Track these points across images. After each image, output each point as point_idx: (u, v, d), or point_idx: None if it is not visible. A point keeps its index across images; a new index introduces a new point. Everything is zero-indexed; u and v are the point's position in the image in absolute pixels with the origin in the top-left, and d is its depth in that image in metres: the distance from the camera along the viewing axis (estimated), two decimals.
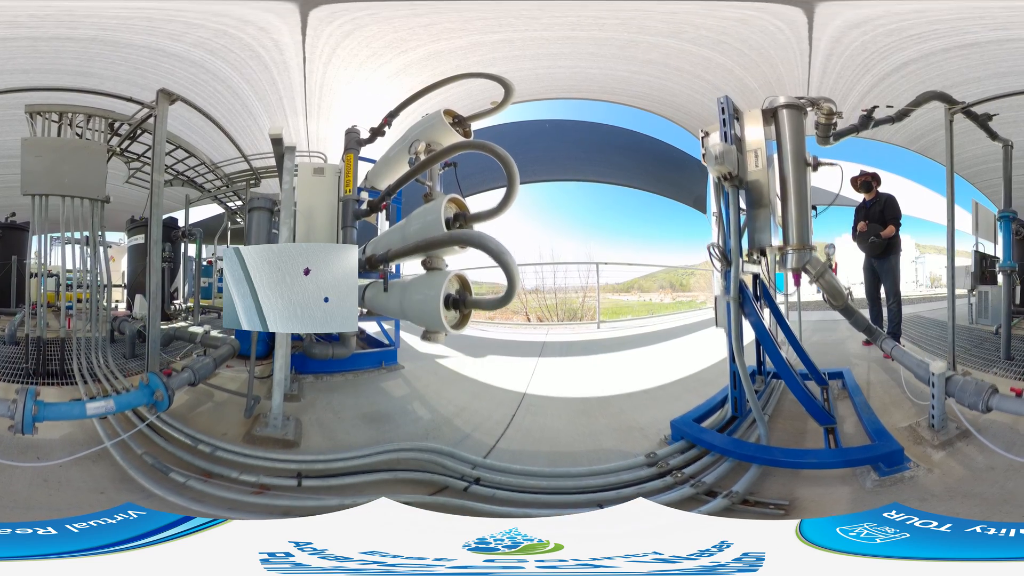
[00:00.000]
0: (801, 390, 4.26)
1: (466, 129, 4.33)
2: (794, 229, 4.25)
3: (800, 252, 4.23)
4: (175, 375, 4.40)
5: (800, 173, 4.26)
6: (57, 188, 5.02)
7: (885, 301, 5.83)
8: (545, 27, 5.44)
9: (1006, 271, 5.34)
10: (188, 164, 6.47)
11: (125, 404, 4.09)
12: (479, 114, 4.46)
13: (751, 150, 4.32)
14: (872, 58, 5.16)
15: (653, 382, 5.64)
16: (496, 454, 4.52)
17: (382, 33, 5.52)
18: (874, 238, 5.62)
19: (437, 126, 4.35)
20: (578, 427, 4.95)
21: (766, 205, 4.34)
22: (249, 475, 4.02)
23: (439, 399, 5.47)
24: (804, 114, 4.36)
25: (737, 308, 4.18)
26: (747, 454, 3.93)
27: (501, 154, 3.25)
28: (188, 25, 5.29)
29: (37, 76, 5.33)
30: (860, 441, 4.17)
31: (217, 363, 4.93)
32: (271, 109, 6.13)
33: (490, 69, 5.85)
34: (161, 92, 5.07)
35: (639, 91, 6.40)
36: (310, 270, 3.85)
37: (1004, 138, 5.30)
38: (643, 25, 5.36)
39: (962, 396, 3.78)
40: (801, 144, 4.32)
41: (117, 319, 5.87)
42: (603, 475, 4.09)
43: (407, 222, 4.06)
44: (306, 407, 5.11)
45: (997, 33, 4.69)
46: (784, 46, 5.31)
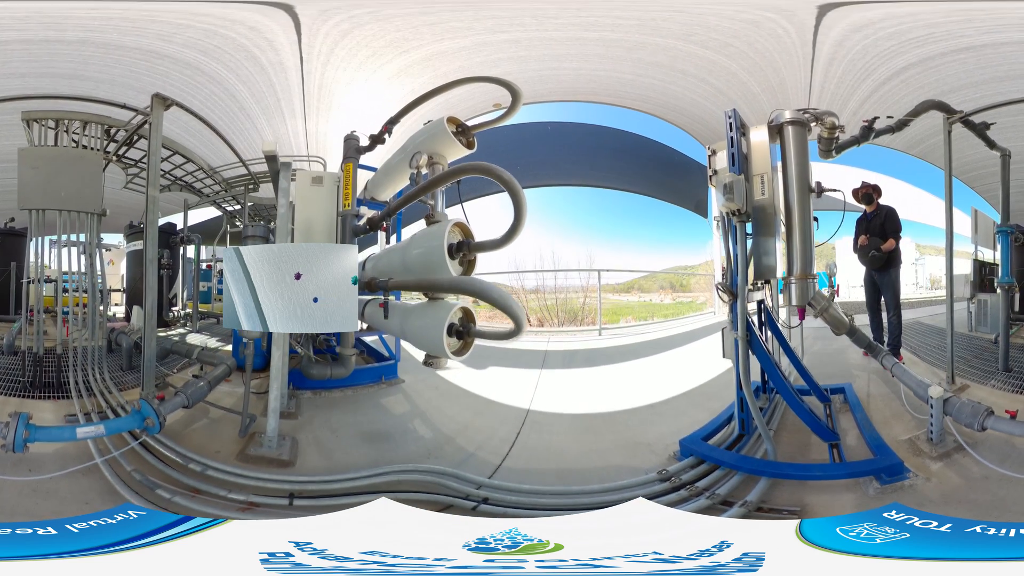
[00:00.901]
0: (807, 413, 4.44)
1: (469, 139, 4.21)
2: (798, 259, 4.34)
3: (803, 283, 4.35)
4: (168, 400, 4.44)
5: (804, 201, 4.34)
6: (54, 202, 5.12)
7: (885, 313, 5.96)
8: (558, 27, 5.42)
9: (1004, 287, 5.47)
10: (186, 169, 6.51)
11: (115, 429, 4.14)
12: (483, 124, 4.31)
13: (757, 174, 4.38)
14: (873, 63, 5.25)
15: (657, 396, 5.67)
16: (502, 473, 4.53)
17: (383, 32, 5.49)
18: (875, 252, 5.76)
19: (439, 136, 4.22)
20: (585, 444, 4.98)
21: (771, 233, 4.43)
22: (239, 494, 4.02)
23: (441, 416, 5.45)
24: (808, 130, 4.44)
25: (744, 344, 4.33)
26: (756, 468, 4.12)
27: (508, 181, 3.13)
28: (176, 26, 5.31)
29: (32, 80, 5.40)
30: (863, 453, 4.36)
31: (212, 385, 4.92)
32: (268, 110, 6.16)
33: (494, 70, 5.85)
34: (156, 97, 5.15)
35: (643, 94, 6.46)
36: (301, 275, 3.96)
37: (1002, 147, 5.41)
38: (659, 27, 5.38)
39: (959, 416, 4.02)
40: (805, 168, 4.37)
41: (115, 331, 5.93)
42: (616, 492, 4.13)
43: (409, 244, 4.03)
44: (303, 425, 5.09)
45: (992, 36, 4.77)
46: (789, 50, 5.41)
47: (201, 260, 7.30)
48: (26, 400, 4.95)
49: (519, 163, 8.23)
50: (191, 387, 4.68)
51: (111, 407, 4.77)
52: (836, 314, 4.62)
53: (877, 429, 4.57)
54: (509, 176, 3.06)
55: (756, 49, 5.45)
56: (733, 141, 4.29)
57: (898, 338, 5.81)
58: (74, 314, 5.27)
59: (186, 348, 5.86)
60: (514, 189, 3.03)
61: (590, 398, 5.89)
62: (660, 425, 5.15)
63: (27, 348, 5.14)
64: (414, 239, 3.94)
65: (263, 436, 4.62)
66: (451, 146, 4.15)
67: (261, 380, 5.31)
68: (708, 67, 5.72)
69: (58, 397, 4.98)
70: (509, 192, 3.04)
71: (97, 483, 3.98)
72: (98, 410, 4.74)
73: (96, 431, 4.02)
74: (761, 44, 5.39)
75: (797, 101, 5.69)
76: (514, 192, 3.02)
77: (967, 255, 6.02)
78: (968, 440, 4.03)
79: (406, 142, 4.57)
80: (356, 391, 5.75)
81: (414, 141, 4.42)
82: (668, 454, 4.66)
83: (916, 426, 4.50)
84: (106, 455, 4.10)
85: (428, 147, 4.22)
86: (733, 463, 4.21)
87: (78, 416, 4.65)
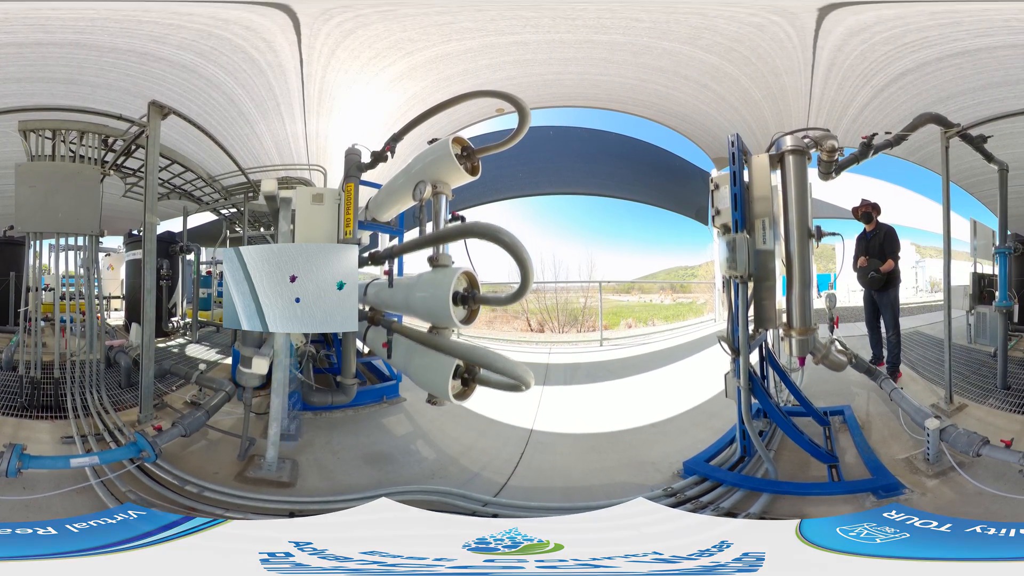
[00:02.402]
0: (806, 442, 4.66)
1: (474, 163, 4.05)
2: (798, 314, 4.50)
3: (803, 339, 4.53)
4: (165, 431, 4.56)
5: (804, 249, 4.48)
6: (51, 225, 5.27)
7: (884, 332, 6.15)
8: (571, 29, 5.48)
9: (1002, 311, 5.58)
10: (185, 178, 6.62)
11: (110, 459, 4.25)
12: (489, 148, 4.10)
13: (759, 218, 4.46)
14: (870, 69, 5.39)
15: (660, 415, 5.79)
16: (508, 492, 4.61)
17: (388, 32, 5.53)
18: (874, 273, 5.95)
19: (444, 161, 4.07)
20: (589, 463, 5.08)
21: (771, 279, 4.56)
22: (236, 513, 4.05)
23: (443, 437, 5.48)
24: (808, 158, 4.58)
25: (747, 393, 4.50)
26: (756, 487, 4.33)
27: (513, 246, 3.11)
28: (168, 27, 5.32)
29: (29, 85, 5.51)
30: (861, 470, 4.51)
31: (210, 414, 4.99)
32: (267, 115, 6.26)
33: (499, 73, 6.10)
34: (153, 105, 5.28)
35: (646, 99, 6.59)
36: (296, 277, 4.08)
37: (1000, 160, 5.55)
38: (668, 30, 5.46)
39: (955, 444, 4.26)
40: (805, 212, 4.49)
41: (113, 348, 5.97)
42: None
43: (414, 285, 4.01)
44: (304, 447, 5.13)
45: (983, 40, 4.90)
46: (791, 55, 5.55)
47: (201, 262, 7.39)
48: (23, 420, 5.04)
49: (521, 170, 8.43)
50: (189, 418, 4.78)
51: (108, 429, 4.85)
52: (835, 359, 4.82)
53: (876, 448, 4.77)
54: (514, 240, 3.08)
55: (759, 54, 5.60)
56: (735, 180, 4.42)
57: (897, 356, 5.99)
58: (73, 323, 5.38)
59: (185, 371, 5.91)
60: (520, 255, 3.05)
61: (593, 417, 6.00)
62: (663, 444, 5.29)
63: (24, 367, 5.22)
64: (420, 282, 3.92)
65: (263, 460, 4.68)
66: (455, 175, 4.07)
67: (261, 399, 5.32)
68: (711, 72, 5.88)
69: (55, 417, 5.07)
70: (515, 259, 3.06)
71: (91, 500, 4.07)
72: (95, 432, 4.84)
73: (90, 461, 4.16)
74: (764, 49, 5.53)
75: (797, 107, 5.87)
76: (520, 258, 3.04)
77: (966, 257, 6.19)
78: (964, 461, 4.24)
79: (411, 163, 4.46)
80: (357, 411, 5.79)
81: (419, 164, 4.34)
82: (672, 472, 4.80)
83: (914, 446, 4.68)
84: (101, 476, 4.20)
85: (432, 173, 4.15)
86: (735, 482, 4.40)
87: (75, 438, 4.76)
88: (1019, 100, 5.13)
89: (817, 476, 4.59)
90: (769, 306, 4.58)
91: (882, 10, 4.92)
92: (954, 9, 4.78)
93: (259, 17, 5.27)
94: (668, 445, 5.23)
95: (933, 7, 4.82)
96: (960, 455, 4.24)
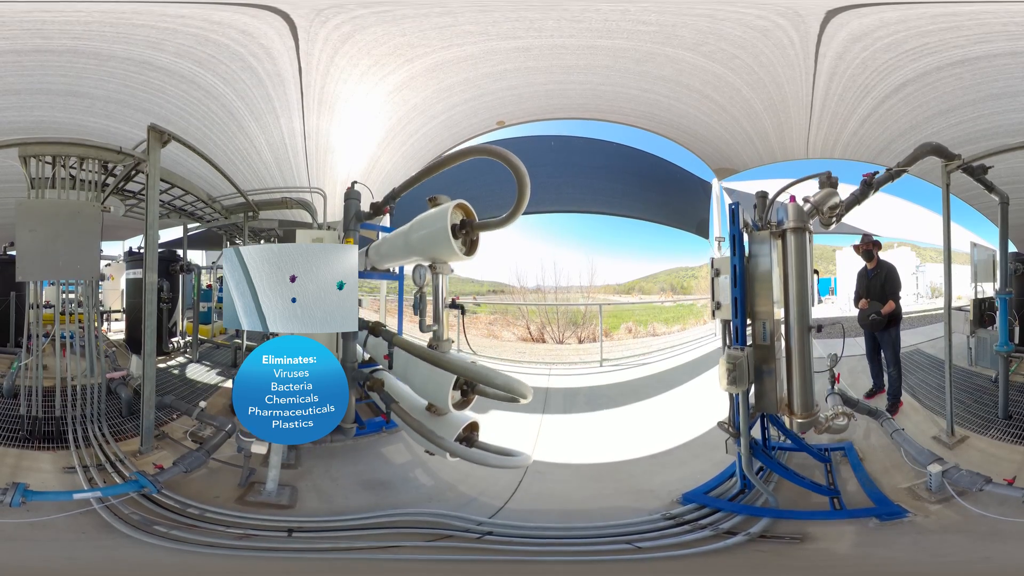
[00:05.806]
0: (807, 483, 5.02)
1: (474, 236, 4.09)
2: (798, 400, 4.83)
3: (805, 422, 4.85)
4: (167, 469, 4.93)
5: (803, 342, 4.80)
6: (51, 274, 5.57)
7: (885, 368, 6.54)
8: (574, 33, 5.65)
9: (1003, 355, 5.85)
10: (185, 200, 6.93)
11: (112, 493, 4.62)
12: (491, 224, 4.03)
13: (760, 320, 4.85)
14: (871, 79, 5.66)
15: (659, 446, 6.08)
16: (505, 514, 4.89)
17: (388, 37, 5.72)
18: (875, 316, 6.37)
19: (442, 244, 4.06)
20: (588, 491, 5.37)
21: (771, 363, 4.87)
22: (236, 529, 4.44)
23: (442, 465, 5.64)
24: (810, 235, 4.86)
25: (748, 458, 4.87)
26: (758, 514, 4.68)
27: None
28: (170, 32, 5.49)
29: (28, 97, 5.85)
30: (862, 499, 4.85)
31: (210, 452, 5.32)
32: (267, 128, 6.52)
33: (500, 82, 6.41)
34: (152, 131, 5.51)
35: (647, 111, 6.87)
36: (296, 277, 4.35)
37: (1001, 191, 5.76)
38: (673, 34, 5.64)
39: (958, 482, 4.64)
40: (805, 305, 4.79)
41: (113, 380, 6.24)
42: (622, 527, 4.61)
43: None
44: (303, 474, 5.43)
45: (983, 47, 5.12)
46: (793, 63, 5.80)
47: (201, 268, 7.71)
48: (25, 451, 5.34)
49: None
50: (189, 457, 5.15)
51: (109, 460, 5.19)
52: (837, 426, 5.13)
53: (878, 478, 5.09)
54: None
55: (761, 62, 5.84)
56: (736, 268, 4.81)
57: (898, 390, 6.39)
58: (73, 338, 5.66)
59: (185, 407, 6.14)
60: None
61: (592, 446, 6.29)
62: (663, 474, 5.59)
63: (25, 399, 5.52)
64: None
65: (263, 487, 5.04)
66: (454, 254, 4.11)
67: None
68: (713, 82, 6.15)
69: (57, 448, 5.37)
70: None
71: (93, 518, 4.46)
72: (96, 463, 5.15)
73: (93, 496, 4.54)
74: (767, 56, 5.77)
75: (798, 116, 6.15)
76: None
77: (965, 257, 6.53)
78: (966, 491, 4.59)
79: (412, 226, 4.48)
80: (357, 441, 6.01)
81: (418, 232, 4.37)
82: (671, 499, 5.10)
83: (916, 476, 4.99)
84: (105, 500, 4.59)
85: (430, 251, 4.33)
86: (735, 510, 4.74)
87: (76, 468, 5.08)
88: (1018, 113, 5.40)
89: (818, 504, 4.90)
90: (770, 390, 4.90)
91: (885, 13, 5.13)
92: (954, 12, 4.99)
93: (252, 19, 5.43)
94: (668, 475, 5.56)
95: (935, 9, 5.03)
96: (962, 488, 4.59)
